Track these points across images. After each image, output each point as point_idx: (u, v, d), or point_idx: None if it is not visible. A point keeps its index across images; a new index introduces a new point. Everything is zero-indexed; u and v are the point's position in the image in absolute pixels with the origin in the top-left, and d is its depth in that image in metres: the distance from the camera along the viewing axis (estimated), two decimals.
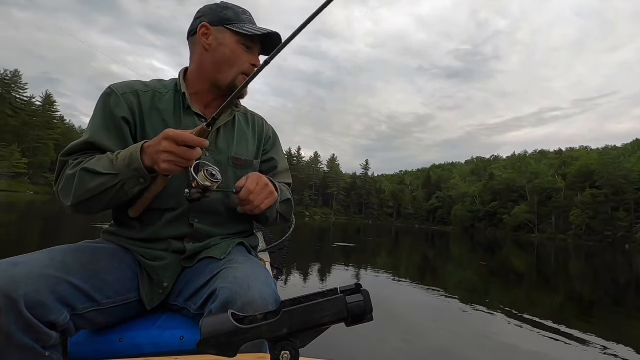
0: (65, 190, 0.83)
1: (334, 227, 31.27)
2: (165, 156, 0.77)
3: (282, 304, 0.41)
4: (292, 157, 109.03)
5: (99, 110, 0.92)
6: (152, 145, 0.79)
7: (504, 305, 4.77)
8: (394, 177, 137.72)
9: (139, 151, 0.79)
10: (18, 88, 63.03)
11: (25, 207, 18.47)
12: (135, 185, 0.81)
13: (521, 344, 3.27)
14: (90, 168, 0.80)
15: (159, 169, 0.79)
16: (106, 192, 0.80)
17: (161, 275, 0.90)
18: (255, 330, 0.39)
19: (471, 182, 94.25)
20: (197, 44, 0.99)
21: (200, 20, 0.98)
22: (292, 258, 7.96)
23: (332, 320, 0.40)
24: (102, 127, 0.90)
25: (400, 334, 3.20)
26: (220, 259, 0.92)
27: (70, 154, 0.87)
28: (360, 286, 0.42)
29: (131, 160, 0.79)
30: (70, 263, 0.73)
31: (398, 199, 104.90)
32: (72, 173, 0.82)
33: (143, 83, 1.00)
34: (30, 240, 6.77)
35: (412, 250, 14.53)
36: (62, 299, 0.68)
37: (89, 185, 0.80)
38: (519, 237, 50.59)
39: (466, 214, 75.95)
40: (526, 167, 73.48)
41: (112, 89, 0.94)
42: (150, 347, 0.81)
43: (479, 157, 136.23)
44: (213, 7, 1.00)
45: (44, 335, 0.63)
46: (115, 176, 0.79)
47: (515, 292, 6.51)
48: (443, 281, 6.99)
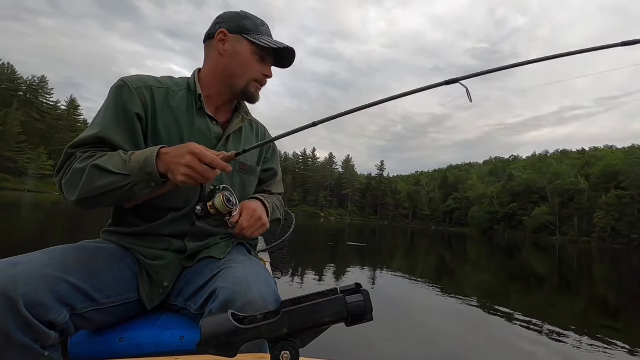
0: (71, 185, 0.81)
1: (349, 228, 31.17)
2: (186, 170, 0.77)
3: (282, 304, 0.41)
4: (307, 158, 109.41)
5: (111, 103, 0.90)
6: (172, 154, 0.79)
7: (523, 310, 4.65)
8: (410, 178, 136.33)
9: (154, 156, 0.79)
10: (45, 93, 65.90)
11: (50, 207, 19.18)
12: (145, 188, 0.80)
13: (541, 351, 3.18)
14: (101, 165, 0.79)
15: (174, 180, 0.79)
16: (115, 192, 0.79)
17: (161, 275, 0.90)
18: (255, 330, 0.39)
19: (489, 183, 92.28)
20: (213, 48, 1.00)
21: (220, 26, 1.00)
22: (305, 258, 7.98)
23: (332, 320, 0.40)
24: (113, 122, 0.88)
25: (415, 336, 3.17)
26: (220, 259, 0.93)
27: (78, 147, 0.85)
28: (360, 286, 0.42)
29: (146, 163, 0.78)
30: (69, 263, 0.73)
31: (414, 200, 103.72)
32: (80, 167, 0.80)
33: (155, 79, 0.98)
34: (54, 237, 7.04)
35: (428, 252, 14.33)
36: (62, 298, 0.67)
37: (98, 183, 0.78)
38: (540, 240, 49.14)
39: (484, 216, 74.41)
40: (547, 167, 71.41)
41: (126, 82, 0.91)
42: (151, 347, 0.81)
43: (497, 157, 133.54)
44: (233, 15, 1.02)
45: (43, 334, 0.63)
46: (126, 177, 0.78)
47: (536, 296, 6.33)
48: (460, 283, 6.87)
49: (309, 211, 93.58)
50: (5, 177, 48.79)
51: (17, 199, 25.04)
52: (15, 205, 18.31)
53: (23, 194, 36.34)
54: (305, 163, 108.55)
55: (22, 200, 23.05)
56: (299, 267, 6.46)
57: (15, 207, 16.56)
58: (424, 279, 6.50)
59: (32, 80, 64.52)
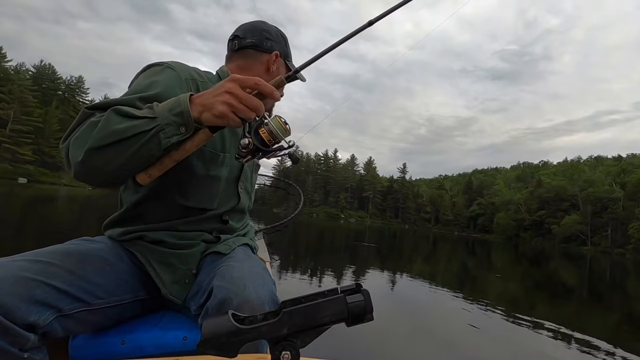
0: (82, 138, 0.67)
1: (369, 230, 31.00)
2: (226, 97, 0.67)
3: (283, 304, 0.41)
4: (328, 159, 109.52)
5: (155, 79, 0.81)
6: (207, 92, 0.70)
7: (551, 321, 4.52)
8: (433, 181, 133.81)
9: (187, 97, 0.69)
10: (81, 92, 69.42)
11: (84, 200, 20.20)
12: (173, 134, 0.68)
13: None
14: (123, 110, 0.68)
15: (212, 115, 0.68)
16: (135, 138, 0.66)
17: (190, 263, 0.91)
18: (256, 331, 0.39)
19: (516, 188, 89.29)
20: (261, 63, 1.05)
21: (272, 46, 1.05)
22: (324, 259, 8.06)
23: (332, 320, 0.40)
24: (152, 97, 0.77)
25: (434, 343, 3.17)
26: (225, 254, 0.93)
27: (100, 108, 0.72)
28: (361, 286, 0.43)
29: (176, 104, 0.69)
30: (53, 266, 0.69)
31: (436, 204, 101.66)
32: (97, 119, 0.68)
33: (195, 70, 0.95)
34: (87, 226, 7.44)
35: (450, 258, 14.06)
36: (42, 301, 0.65)
37: (116, 127, 0.65)
38: (569, 249, 47.06)
39: (510, 223, 72.03)
40: (579, 174, 68.46)
41: (173, 68, 0.87)
42: (153, 349, 0.80)
43: (525, 162, 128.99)
44: (280, 37, 1.08)
45: (21, 337, 0.61)
46: (152, 120, 0.67)
47: (564, 307, 6.12)
48: (483, 291, 6.74)
49: (330, 212, 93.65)
50: (44, 171, 51.78)
51: (54, 192, 26.52)
52: (52, 197, 19.41)
53: (59, 188, 38.42)
54: (327, 164, 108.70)
55: (58, 194, 24.38)
56: (317, 267, 6.54)
57: (53, 200, 17.56)
58: (445, 285, 6.43)
59: (70, 80, 68.17)
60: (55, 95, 63.94)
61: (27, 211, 10.52)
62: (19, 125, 51.24)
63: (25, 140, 51.41)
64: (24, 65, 61.70)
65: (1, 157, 47.96)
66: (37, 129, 53.82)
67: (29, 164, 50.53)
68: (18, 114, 51.63)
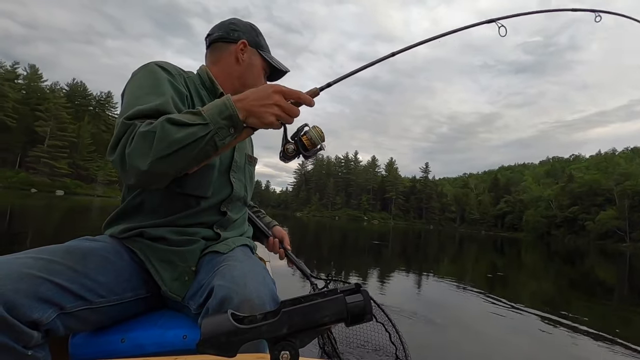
0: (140, 150, 0.71)
1: (393, 231, 30.67)
2: (275, 110, 0.76)
3: (282, 304, 0.41)
4: (349, 161, 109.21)
5: (161, 79, 0.87)
6: (252, 97, 0.76)
7: (589, 323, 4.38)
8: (457, 180, 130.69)
9: (232, 100, 0.76)
10: (110, 107, 72.93)
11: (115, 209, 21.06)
12: (226, 136, 0.75)
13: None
14: (175, 119, 0.72)
15: (261, 122, 0.77)
16: (195, 144, 0.72)
17: (190, 260, 0.91)
18: (255, 331, 0.39)
19: (546, 184, 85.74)
20: (230, 53, 1.06)
21: (239, 35, 1.06)
22: (348, 263, 8.09)
23: (331, 320, 0.40)
24: (169, 97, 0.84)
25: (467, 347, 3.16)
26: (224, 254, 0.93)
27: (133, 119, 0.77)
28: (360, 286, 0.43)
29: (224, 107, 0.75)
30: (55, 264, 0.70)
31: (461, 203, 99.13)
32: (148, 129, 0.72)
33: (180, 68, 1.00)
34: None
35: (477, 258, 13.73)
36: (46, 298, 0.65)
37: (176, 136, 0.71)
38: (606, 246, 44.66)
39: (540, 220, 69.16)
40: (614, 167, 64.88)
41: (164, 67, 0.92)
42: (153, 347, 0.80)
43: (555, 157, 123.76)
44: (249, 28, 1.10)
45: (24, 334, 0.61)
46: (205, 126, 0.73)
47: (603, 308, 5.89)
48: (514, 291, 6.58)
49: (352, 214, 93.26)
50: (79, 183, 54.67)
51: (88, 202, 27.90)
52: (87, 208, 20.43)
53: (93, 199, 40.36)
54: (347, 166, 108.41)
55: (92, 204, 25.61)
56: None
57: (88, 210, 18.49)
58: (474, 285, 6.32)
59: (100, 96, 72.08)
60: (87, 110, 67.64)
61: (65, 221, 11.17)
62: (55, 140, 54.36)
63: (62, 154, 54.50)
64: (58, 84, 65.64)
65: (41, 171, 50.96)
66: (72, 144, 56.92)
67: (65, 177, 53.44)
68: (54, 130, 54.85)
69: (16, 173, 49.16)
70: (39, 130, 53.57)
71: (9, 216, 10.29)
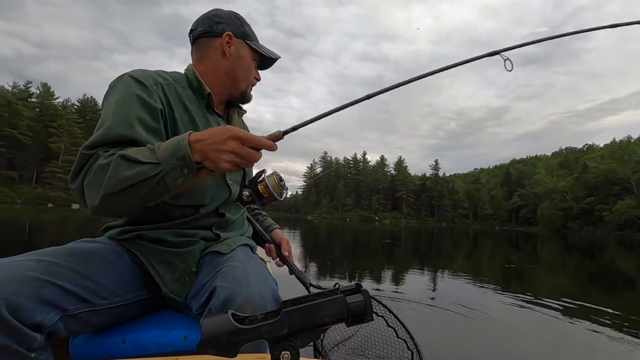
0: (95, 184, 0.72)
1: (405, 231, 30.41)
2: (231, 157, 0.71)
3: (283, 304, 0.40)
4: (357, 162, 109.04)
5: (130, 98, 0.82)
6: (209, 140, 0.72)
7: (612, 316, 4.27)
8: (468, 176, 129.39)
9: (186, 140, 0.72)
10: None
11: None
12: (178, 177, 0.72)
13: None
14: (128, 156, 0.71)
15: (216, 168, 0.73)
16: (144, 183, 0.70)
17: (190, 261, 0.91)
18: (256, 331, 0.38)
19: (559, 176, 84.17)
20: (215, 48, 1.01)
21: (223, 28, 1.00)
22: (360, 263, 8.05)
23: (332, 320, 0.40)
24: (136, 119, 0.81)
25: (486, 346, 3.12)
26: (225, 254, 0.93)
27: (96, 147, 0.76)
28: (360, 286, 0.42)
29: (177, 148, 0.71)
30: (58, 266, 0.70)
31: (474, 199, 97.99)
32: (105, 162, 0.72)
33: (158, 73, 0.94)
34: None
35: (493, 254, 13.52)
36: (49, 300, 0.65)
37: (126, 173, 0.70)
38: (625, 237, 43.43)
39: (556, 212, 67.84)
40: (629, 155, 63.26)
41: (137, 78, 0.87)
42: (154, 348, 0.80)
43: (568, 147, 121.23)
44: (233, 18, 1.04)
45: (28, 337, 0.61)
46: (156, 165, 0.71)
47: (626, 300, 5.73)
48: (533, 286, 6.46)
49: (363, 215, 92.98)
50: None
51: None
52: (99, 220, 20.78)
53: None
54: (356, 167, 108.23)
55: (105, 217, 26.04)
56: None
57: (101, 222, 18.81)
58: (491, 281, 6.22)
59: None
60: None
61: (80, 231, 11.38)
62: (69, 155, 55.71)
63: None
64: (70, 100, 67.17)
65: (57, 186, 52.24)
66: None
67: None
68: (68, 145, 56.19)
69: (33, 189, 50.54)
70: (53, 147, 55.00)
71: (28, 230, 10.55)
